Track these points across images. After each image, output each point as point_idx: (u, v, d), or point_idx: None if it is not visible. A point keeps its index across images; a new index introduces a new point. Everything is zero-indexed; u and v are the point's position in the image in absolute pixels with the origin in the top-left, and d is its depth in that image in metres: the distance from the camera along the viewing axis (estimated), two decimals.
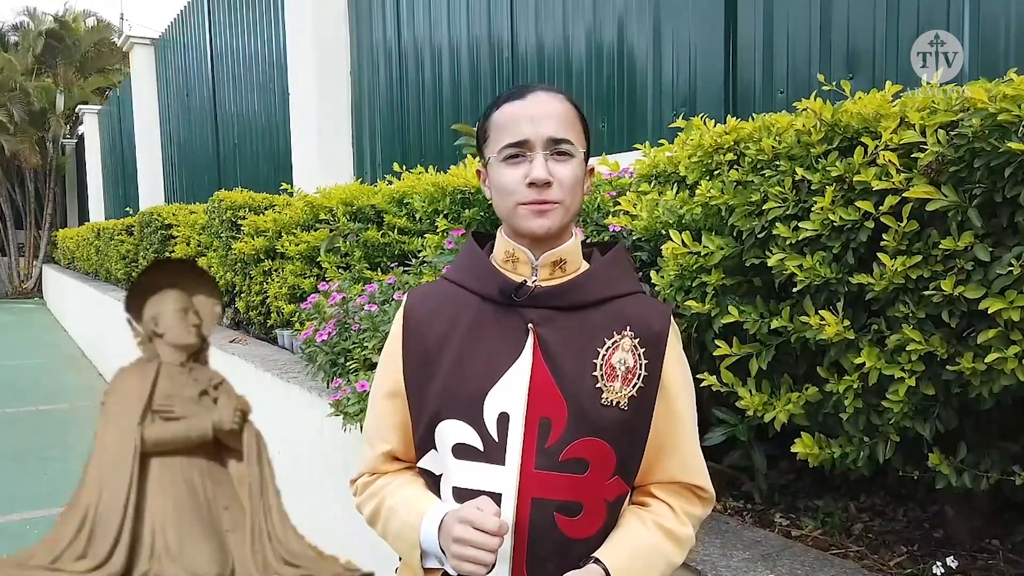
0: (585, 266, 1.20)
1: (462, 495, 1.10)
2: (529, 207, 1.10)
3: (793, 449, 1.66)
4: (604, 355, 1.12)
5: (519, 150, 1.11)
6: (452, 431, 1.11)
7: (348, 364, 2.61)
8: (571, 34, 4.29)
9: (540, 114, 1.11)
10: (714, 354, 1.74)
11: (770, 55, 3.18)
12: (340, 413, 2.51)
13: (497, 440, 1.10)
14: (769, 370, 1.71)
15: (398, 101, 6.06)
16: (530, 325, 1.12)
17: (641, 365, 1.13)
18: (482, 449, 1.10)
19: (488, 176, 1.17)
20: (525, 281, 1.15)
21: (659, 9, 3.69)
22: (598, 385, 1.11)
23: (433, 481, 1.16)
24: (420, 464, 1.17)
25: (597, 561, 1.09)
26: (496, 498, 1.09)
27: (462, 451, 1.11)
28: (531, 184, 1.09)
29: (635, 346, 1.13)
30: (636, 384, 1.12)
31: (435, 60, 5.59)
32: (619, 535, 1.13)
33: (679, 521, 1.17)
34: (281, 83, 7.64)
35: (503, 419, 1.10)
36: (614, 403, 1.10)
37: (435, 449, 1.14)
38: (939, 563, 1.59)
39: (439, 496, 1.15)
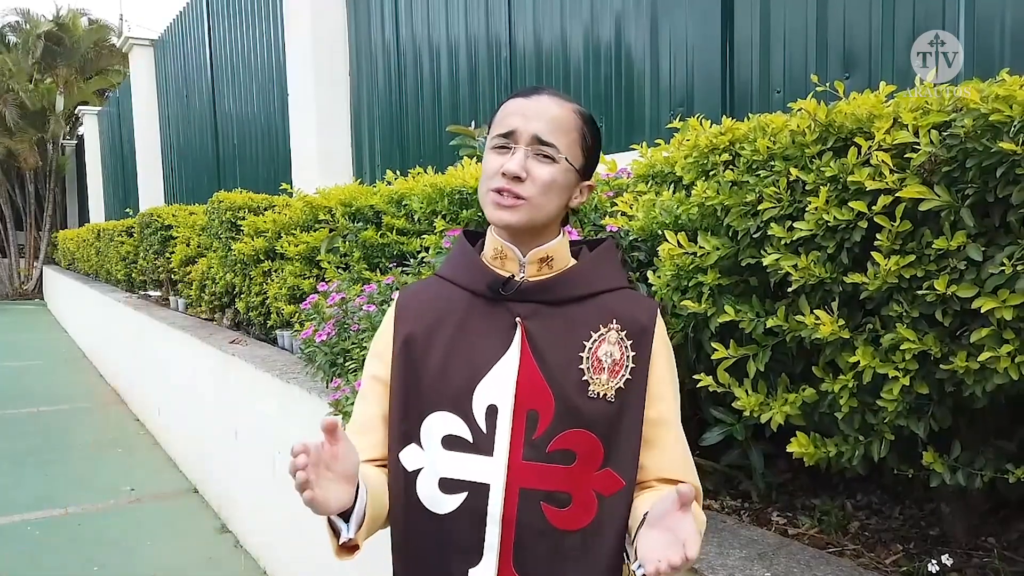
0: (573, 263, 1.22)
1: (451, 486, 1.12)
2: (495, 196, 1.13)
3: (788, 448, 1.67)
4: (590, 348, 1.14)
5: (506, 141, 1.13)
6: (441, 423, 1.13)
7: (347, 364, 2.62)
8: (569, 33, 4.30)
9: (534, 113, 1.13)
10: (712, 357, 1.75)
11: (767, 55, 3.19)
12: (339, 413, 2.53)
13: (485, 432, 1.12)
14: (766, 370, 1.72)
15: (396, 101, 6.07)
16: (518, 319, 1.15)
17: (628, 357, 1.14)
18: (471, 440, 1.12)
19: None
20: (512, 276, 1.17)
21: (656, 8, 3.70)
22: (584, 378, 1.12)
23: (407, 478, 1.16)
24: (400, 456, 1.17)
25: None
26: (484, 489, 1.11)
27: (451, 442, 1.13)
28: (503, 174, 1.12)
29: (621, 339, 1.15)
30: (623, 376, 1.14)
31: (433, 60, 5.60)
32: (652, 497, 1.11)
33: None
34: (280, 84, 7.65)
35: (491, 411, 1.12)
36: (601, 395, 1.12)
37: (417, 443, 1.15)
38: (934, 561, 1.60)
39: (413, 493, 1.16)
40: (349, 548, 1.07)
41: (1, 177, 19.88)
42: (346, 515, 1.03)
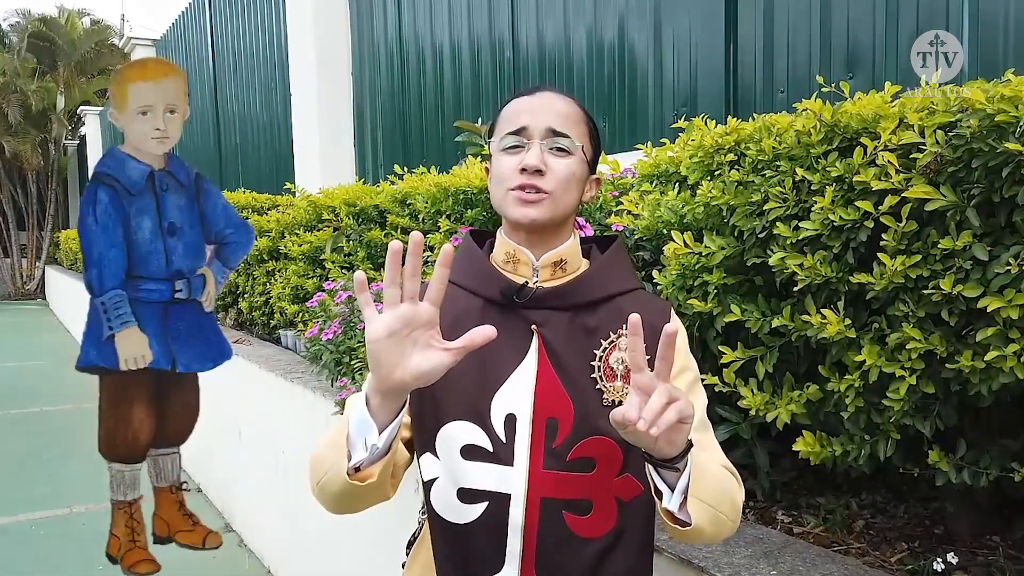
0: (585, 264, 1.21)
1: (470, 496, 1.10)
2: (517, 193, 1.11)
3: (795, 448, 1.67)
4: (601, 356, 1.12)
5: (518, 139, 1.12)
6: (460, 432, 1.11)
7: (353, 363, 2.62)
8: (572, 33, 4.30)
9: (542, 108, 1.12)
10: (720, 362, 1.76)
11: (770, 55, 3.20)
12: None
13: (505, 441, 1.10)
14: (772, 369, 1.73)
15: (399, 101, 6.07)
16: (534, 327, 1.13)
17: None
18: (491, 450, 1.10)
19: (490, 168, 1.19)
20: (527, 283, 1.15)
21: (660, 9, 3.70)
22: (598, 386, 1.11)
23: (423, 487, 1.15)
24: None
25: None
26: (505, 499, 1.09)
27: (471, 452, 1.11)
28: (523, 170, 1.10)
29: None
30: None
31: (436, 59, 5.61)
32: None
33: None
34: (283, 83, 7.66)
35: (510, 420, 1.10)
36: (616, 402, 1.11)
37: (431, 453, 1.13)
38: (939, 559, 1.61)
39: (428, 502, 1.14)
40: (361, 475, 0.97)
41: (3, 177, 19.89)
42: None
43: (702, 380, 1.75)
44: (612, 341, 1.13)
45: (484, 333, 0.94)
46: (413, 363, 0.92)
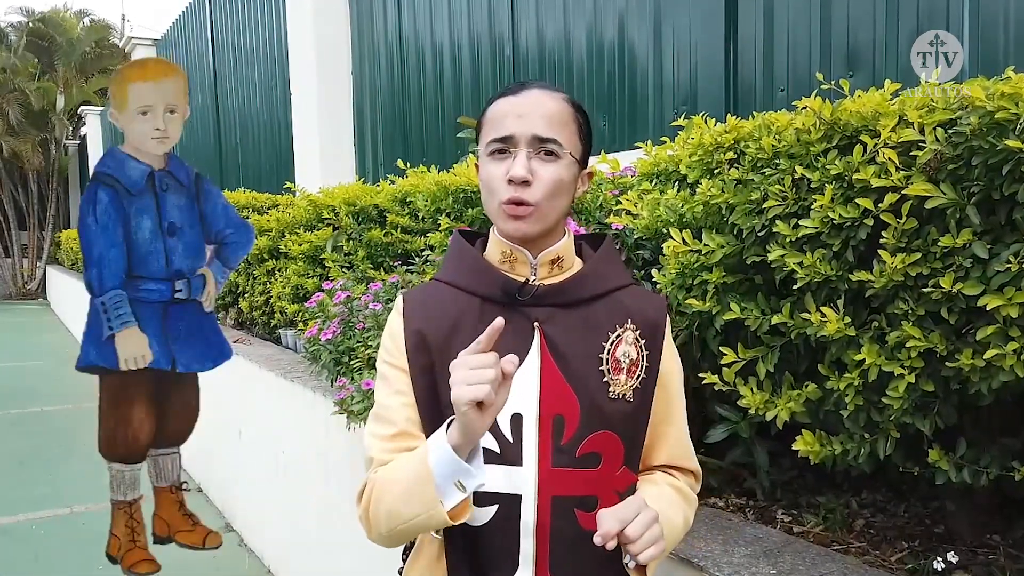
0: (578, 262, 1.21)
1: (481, 499, 1.09)
2: (508, 208, 1.10)
3: (794, 447, 1.67)
4: (609, 349, 1.13)
5: (504, 146, 1.10)
6: None
7: (352, 363, 2.62)
8: (572, 32, 4.30)
9: (529, 111, 1.10)
10: (720, 363, 1.75)
11: (770, 54, 3.19)
12: (344, 412, 2.53)
13: (512, 441, 1.10)
14: (773, 369, 1.72)
15: (400, 100, 6.07)
16: (536, 324, 1.13)
17: (643, 356, 1.15)
18: (498, 451, 1.10)
19: (480, 171, 1.18)
20: (527, 280, 1.15)
21: (660, 8, 3.70)
22: (605, 379, 1.12)
23: None
24: None
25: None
26: (516, 500, 1.09)
27: None
28: (510, 181, 1.09)
29: (637, 338, 1.15)
30: (639, 375, 1.14)
31: (436, 58, 5.60)
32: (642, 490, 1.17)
33: (685, 482, 1.23)
34: (283, 83, 7.66)
35: (516, 419, 1.10)
36: (621, 395, 1.12)
37: None
38: (940, 558, 1.61)
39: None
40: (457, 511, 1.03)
41: (4, 177, 19.90)
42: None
43: (702, 379, 1.76)
44: (619, 335, 1.14)
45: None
46: (492, 412, 0.98)
